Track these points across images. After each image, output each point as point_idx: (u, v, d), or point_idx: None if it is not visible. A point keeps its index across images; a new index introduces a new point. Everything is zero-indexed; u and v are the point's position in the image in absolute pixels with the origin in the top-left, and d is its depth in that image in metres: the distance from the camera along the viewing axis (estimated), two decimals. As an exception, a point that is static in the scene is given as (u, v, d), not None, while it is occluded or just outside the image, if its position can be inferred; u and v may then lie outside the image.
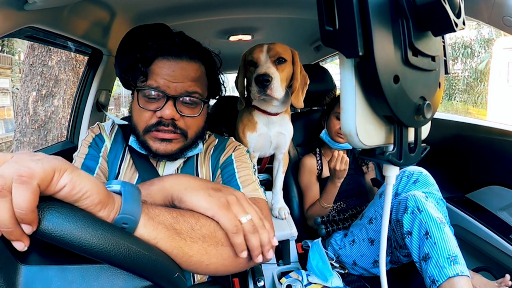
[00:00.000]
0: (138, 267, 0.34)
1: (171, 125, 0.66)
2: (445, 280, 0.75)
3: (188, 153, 0.73)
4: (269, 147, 1.14)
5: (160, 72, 0.66)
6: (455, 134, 1.34)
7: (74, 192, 0.31)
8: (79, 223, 0.30)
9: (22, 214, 0.27)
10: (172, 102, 0.65)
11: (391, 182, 0.39)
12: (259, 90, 0.93)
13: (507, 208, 1.12)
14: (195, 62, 0.69)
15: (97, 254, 0.31)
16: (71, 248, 0.30)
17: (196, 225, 0.42)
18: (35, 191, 0.28)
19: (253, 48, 1.00)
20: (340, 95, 0.32)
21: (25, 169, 0.28)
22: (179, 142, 0.68)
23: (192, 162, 0.78)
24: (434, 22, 0.30)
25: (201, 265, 0.42)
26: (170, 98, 0.65)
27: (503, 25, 0.79)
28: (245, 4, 1.25)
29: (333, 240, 1.18)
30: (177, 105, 0.66)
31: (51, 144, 2.90)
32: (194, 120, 0.69)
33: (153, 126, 0.66)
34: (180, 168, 0.76)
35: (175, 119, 0.66)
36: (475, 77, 8.31)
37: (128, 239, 0.34)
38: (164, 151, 0.67)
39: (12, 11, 0.70)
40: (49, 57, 2.87)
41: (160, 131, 0.66)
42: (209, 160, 0.78)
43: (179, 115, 0.66)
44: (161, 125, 0.65)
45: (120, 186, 0.38)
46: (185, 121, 0.68)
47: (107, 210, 0.34)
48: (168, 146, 0.67)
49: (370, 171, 1.41)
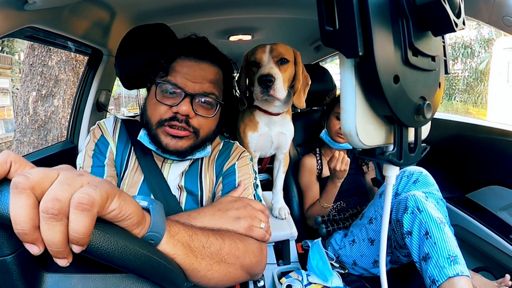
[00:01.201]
0: (164, 279, 0.37)
1: (184, 122, 0.66)
2: (445, 280, 0.75)
3: (196, 154, 0.73)
4: (270, 147, 1.14)
5: (181, 70, 0.67)
6: (455, 134, 1.34)
7: (120, 215, 0.33)
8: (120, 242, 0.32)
9: (79, 238, 0.28)
10: (189, 100, 0.65)
11: (391, 182, 0.39)
12: (262, 90, 0.93)
13: (507, 208, 1.12)
14: (215, 66, 0.71)
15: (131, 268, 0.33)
16: (111, 263, 0.32)
17: (206, 243, 0.48)
18: (94, 217, 0.29)
19: (256, 48, 0.99)
20: (340, 95, 0.32)
21: (86, 197, 0.29)
22: (190, 139, 0.68)
23: (196, 166, 0.77)
24: (434, 22, 0.30)
25: (204, 279, 0.47)
26: (188, 96, 0.66)
27: (503, 25, 0.79)
28: (245, 4, 1.25)
29: (333, 240, 1.18)
30: (194, 103, 0.66)
31: (51, 144, 2.90)
32: (207, 121, 0.69)
33: (166, 121, 0.66)
34: (185, 172, 0.76)
35: (190, 116, 0.66)
36: (475, 77, 8.31)
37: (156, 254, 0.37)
38: (174, 147, 0.67)
39: (12, 11, 0.70)
40: (49, 57, 2.87)
41: (173, 126, 0.66)
42: (213, 165, 0.78)
43: (194, 113, 0.67)
44: (174, 120, 0.66)
45: (148, 203, 0.40)
46: (199, 120, 0.68)
47: (140, 228, 0.37)
48: (179, 143, 0.67)
49: (370, 171, 1.41)
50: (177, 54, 0.69)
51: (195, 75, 0.67)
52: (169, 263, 0.39)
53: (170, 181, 0.74)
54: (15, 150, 3.04)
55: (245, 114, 1.11)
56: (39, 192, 0.28)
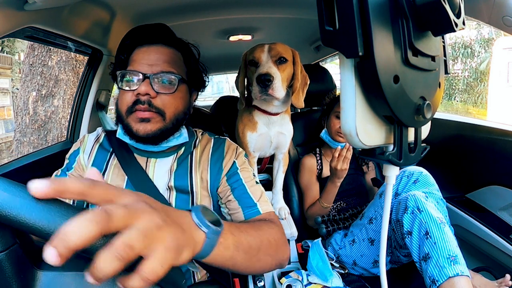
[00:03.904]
0: (164, 280, 0.35)
1: (146, 103, 0.68)
2: (445, 280, 0.75)
3: (172, 141, 0.73)
4: (269, 147, 1.14)
5: (137, 58, 0.71)
6: (455, 134, 1.34)
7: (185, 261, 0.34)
8: None
9: (147, 283, 0.28)
10: (148, 81, 0.67)
11: (391, 182, 0.39)
12: (260, 90, 0.93)
13: (507, 208, 1.12)
14: (171, 48, 0.73)
15: None
16: None
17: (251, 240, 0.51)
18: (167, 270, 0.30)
19: (254, 47, 0.99)
20: (340, 95, 0.32)
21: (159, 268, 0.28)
22: (158, 122, 0.69)
23: (186, 164, 0.77)
24: (434, 22, 0.30)
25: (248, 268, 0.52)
26: (146, 77, 0.68)
27: (503, 25, 0.78)
28: (245, 4, 1.25)
29: (333, 240, 1.18)
30: (154, 83, 0.68)
31: (51, 144, 2.90)
32: (170, 98, 0.70)
33: (132, 107, 0.68)
34: (174, 171, 0.75)
35: (151, 96, 0.68)
36: (475, 77, 8.30)
37: None
38: (144, 132, 0.68)
39: (12, 11, 0.70)
40: (49, 57, 2.87)
41: (138, 110, 0.68)
42: (207, 163, 0.78)
43: (155, 93, 0.68)
44: (138, 104, 0.68)
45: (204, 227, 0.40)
46: (162, 99, 0.69)
47: None
48: (148, 126, 0.68)
49: (370, 170, 1.41)
50: (133, 46, 0.73)
51: (150, 58, 0.70)
52: None
53: (158, 180, 0.74)
54: (15, 150, 3.04)
55: (244, 114, 1.11)
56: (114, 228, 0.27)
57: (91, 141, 0.79)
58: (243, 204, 0.73)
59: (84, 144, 0.79)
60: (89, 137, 0.80)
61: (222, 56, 2.06)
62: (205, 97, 4.31)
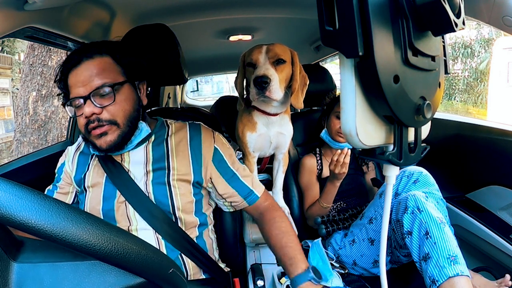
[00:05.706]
0: (127, 263, 0.33)
1: (96, 121, 0.71)
2: (445, 280, 0.75)
3: (136, 139, 0.78)
4: (269, 147, 1.14)
5: (72, 83, 0.73)
6: (455, 134, 1.34)
7: None
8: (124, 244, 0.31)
9: None
10: (89, 101, 0.70)
11: (391, 182, 0.39)
12: (258, 92, 0.92)
13: (507, 208, 1.12)
14: (96, 57, 0.74)
15: (133, 269, 0.32)
16: (114, 264, 0.31)
17: None
18: None
19: (252, 49, 0.99)
20: (340, 95, 0.32)
21: None
22: (115, 131, 0.73)
23: (162, 148, 0.81)
24: (434, 22, 0.30)
25: None
26: (86, 98, 0.71)
27: (503, 25, 0.78)
28: (245, 4, 1.25)
29: (333, 240, 1.18)
30: (94, 100, 0.70)
31: (51, 144, 2.90)
32: (115, 106, 0.72)
33: (86, 128, 0.73)
34: (150, 153, 0.80)
35: (97, 113, 0.71)
36: (475, 77, 8.30)
37: (116, 234, 0.33)
38: (106, 144, 0.72)
39: (12, 11, 0.70)
40: (49, 57, 2.87)
41: (93, 129, 0.72)
42: (187, 148, 0.82)
43: (99, 108, 0.71)
44: (90, 124, 0.72)
45: None
46: (108, 111, 0.72)
47: None
48: (107, 138, 0.72)
49: (370, 170, 1.41)
50: (66, 73, 0.74)
51: (82, 79, 0.71)
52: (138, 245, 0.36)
53: (135, 167, 0.79)
54: (15, 150, 3.04)
55: (243, 114, 1.11)
56: None
57: (73, 151, 0.87)
58: (242, 195, 0.86)
59: (68, 156, 0.86)
60: (71, 148, 0.88)
61: (222, 56, 2.06)
62: (205, 97, 4.31)
